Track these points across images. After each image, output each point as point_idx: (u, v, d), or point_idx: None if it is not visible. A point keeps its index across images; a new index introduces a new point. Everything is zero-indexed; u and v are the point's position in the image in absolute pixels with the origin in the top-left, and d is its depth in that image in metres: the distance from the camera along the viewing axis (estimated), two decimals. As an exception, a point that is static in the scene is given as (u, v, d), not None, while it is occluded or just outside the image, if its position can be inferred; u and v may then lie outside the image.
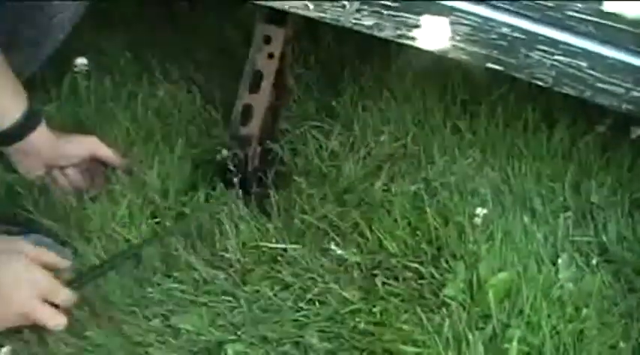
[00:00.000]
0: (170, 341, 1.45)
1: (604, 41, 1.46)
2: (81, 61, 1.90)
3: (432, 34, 1.52)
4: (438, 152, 1.81)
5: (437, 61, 1.91)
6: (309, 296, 1.53)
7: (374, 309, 1.52)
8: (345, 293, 1.54)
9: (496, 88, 1.94)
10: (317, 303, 1.53)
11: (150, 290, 1.52)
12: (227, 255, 1.59)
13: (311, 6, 1.52)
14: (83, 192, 1.67)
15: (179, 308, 1.51)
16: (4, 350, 1.43)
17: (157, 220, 1.63)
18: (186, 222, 1.61)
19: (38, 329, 1.44)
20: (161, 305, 1.51)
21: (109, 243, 1.58)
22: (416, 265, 1.58)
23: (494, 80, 1.94)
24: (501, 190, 1.75)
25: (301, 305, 1.53)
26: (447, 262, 1.58)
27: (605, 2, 1.43)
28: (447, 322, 1.48)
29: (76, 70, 1.89)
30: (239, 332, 1.48)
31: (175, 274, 1.55)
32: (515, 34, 1.48)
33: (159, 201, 1.65)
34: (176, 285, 1.53)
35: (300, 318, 1.51)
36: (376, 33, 1.53)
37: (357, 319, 1.51)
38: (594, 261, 1.63)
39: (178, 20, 2.12)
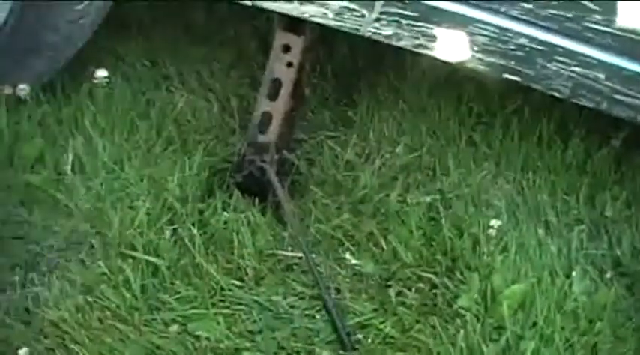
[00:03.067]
0: (189, 348, 1.46)
1: (622, 53, 1.46)
2: (101, 72, 1.91)
3: (450, 45, 1.53)
4: (452, 163, 1.82)
5: (452, 72, 1.94)
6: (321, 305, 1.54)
7: (388, 320, 1.53)
8: (358, 304, 1.55)
9: (511, 100, 1.95)
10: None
11: (168, 296, 1.53)
12: (242, 263, 1.60)
13: (330, 15, 1.53)
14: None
15: (196, 314, 1.51)
16: (22, 352, 1.44)
17: (175, 227, 1.64)
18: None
19: (60, 334, 1.45)
20: (179, 312, 1.51)
21: (127, 249, 1.59)
22: (430, 276, 1.59)
23: (508, 92, 1.95)
24: (516, 202, 1.76)
25: (314, 314, 1.54)
26: (461, 273, 1.59)
27: (618, 16, 1.44)
28: (461, 333, 1.48)
29: (95, 81, 1.90)
30: (255, 340, 1.48)
31: (193, 281, 1.56)
32: (533, 45, 1.49)
33: (177, 207, 1.66)
34: (193, 292, 1.54)
35: (312, 327, 1.52)
36: (395, 42, 1.54)
37: (371, 329, 1.52)
38: (608, 275, 1.63)
39: (196, 28, 2.14)
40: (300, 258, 1.61)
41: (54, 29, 1.76)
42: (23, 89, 1.84)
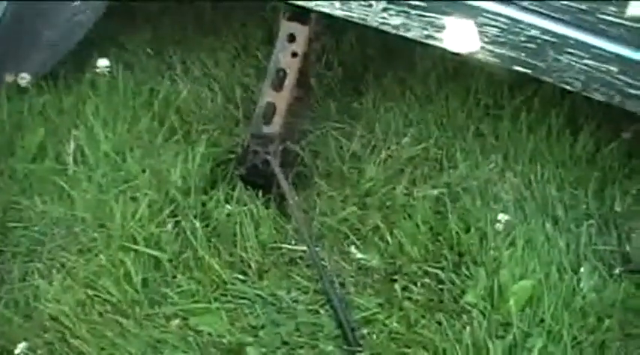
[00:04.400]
0: (190, 343, 1.44)
1: (635, 46, 1.43)
2: (102, 62, 1.89)
3: (460, 36, 1.50)
4: (460, 156, 1.79)
5: (460, 63, 1.91)
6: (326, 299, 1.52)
7: (393, 315, 1.50)
8: (363, 298, 1.53)
9: (520, 92, 1.92)
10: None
11: (169, 290, 1.51)
12: (246, 256, 1.58)
13: (337, 4, 1.50)
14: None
15: (198, 308, 1.49)
16: (21, 346, 1.43)
17: (177, 219, 1.62)
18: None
19: (61, 329, 1.44)
20: (181, 306, 1.50)
21: (129, 241, 1.57)
22: (436, 271, 1.57)
23: (518, 84, 1.92)
24: (524, 196, 1.73)
25: (318, 308, 1.52)
26: (467, 268, 1.57)
27: (632, 7, 1.41)
28: (468, 329, 1.46)
29: (97, 71, 1.89)
30: (259, 335, 1.47)
31: (195, 275, 1.54)
32: (545, 37, 1.46)
33: (180, 199, 1.64)
34: (195, 286, 1.52)
35: (316, 322, 1.50)
36: (403, 33, 1.52)
37: (376, 324, 1.50)
38: (617, 271, 1.61)
39: (202, 17, 2.11)
40: (304, 251, 1.59)
41: (51, 26, 1.75)
42: (24, 78, 1.82)
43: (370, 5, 1.48)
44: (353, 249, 1.61)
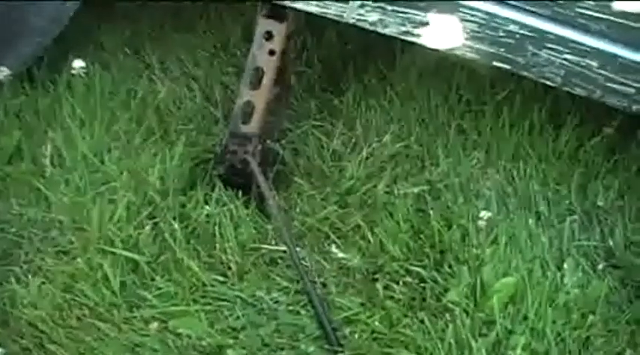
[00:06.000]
0: (170, 346, 1.42)
1: (616, 40, 1.42)
2: (78, 63, 1.86)
3: (438, 32, 1.49)
4: (442, 153, 1.78)
5: (442, 59, 1.89)
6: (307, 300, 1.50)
7: (375, 314, 1.49)
8: (344, 298, 1.51)
9: (502, 87, 1.91)
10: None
11: (148, 293, 1.49)
12: (225, 257, 1.56)
13: (313, 1, 1.49)
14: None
15: (177, 311, 1.48)
16: (-1, 352, 1.41)
17: (155, 221, 1.60)
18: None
19: (38, 334, 1.42)
20: (159, 309, 1.48)
21: (106, 244, 1.55)
22: (418, 269, 1.56)
23: (499, 80, 1.91)
24: (506, 192, 1.72)
25: (299, 309, 1.50)
26: (450, 266, 1.55)
27: (614, 1, 1.40)
28: (450, 328, 1.45)
29: (73, 72, 1.85)
30: (239, 337, 1.45)
31: (174, 277, 1.52)
32: (524, 32, 1.44)
33: (158, 200, 1.62)
34: (174, 289, 1.50)
35: (297, 323, 1.48)
36: (380, 29, 1.50)
37: (358, 324, 1.48)
38: (600, 266, 1.60)
39: (180, 16, 2.09)
40: (284, 251, 1.57)
41: (41, 13, 1.72)
42: (3, 71, 1.79)
43: (346, 1, 1.46)
44: (334, 248, 1.60)
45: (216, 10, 2.10)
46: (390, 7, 1.46)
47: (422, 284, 1.54)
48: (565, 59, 1.45)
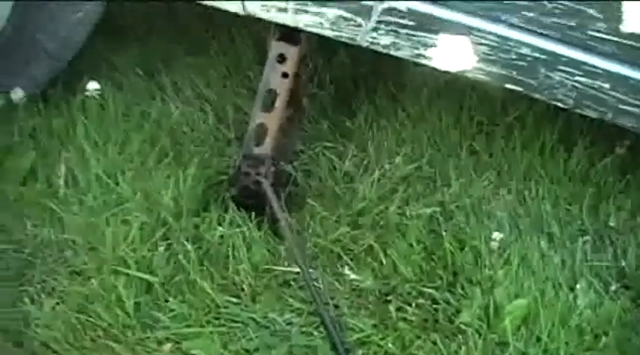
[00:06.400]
0: (182, 367, 1.43)
1: (626, 62, 1.43)
2: (92, 85, 1.88)
3: (450, 54, 1.49)
4: (453, 174, 1.78)
5: (453, 80, 1.90)
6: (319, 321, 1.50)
7: (388, 336, 1.49)
8: (357, 320, 1.51)
9: (513, 108, 1.92)
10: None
11: (162, 314, 1.50)
12: (238, 279, 1.56)
13: (326, 24, 1.50)
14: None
15: (190, 332, 1.48)
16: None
17: (169, 242, 1.60)
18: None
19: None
20: (173, 330, 1.48)
21: (120, 265, 1.55)
22: (431, 290, 1.56)
23: (511, 101, 1.92)
24: (518, 213, 1.73)
25: (311, 331, 1.50)
26: (462, 288, 1.55)
27: (624, 23, 1.40)
28: (463, 349, 1.45)
29: (87, 94, 1.87)
30: (252, 359, 1.45)
31: (187, 298, 1.52)
32: (536, 55, 1.45)
33: (172, 222, 1.62)
34: (188, 310, 1.50)
35: (310, 344, 1.48)
36: (393, 52, 1.51)
37: (371, 346, 1.48)
38: (613, 287, 1.60)
39: (193, 37, 2.11)
40: (297, 273, 1.57)
41: (52, 36, 1.74)
42: (17, 93, 1.81)
43: (359, 25, 1.47)
44: (346, 269, 1.60)
45: (229, 32, 2.12)
46: (402, 31, 1.47)
47: (434, 306, 1.54)
48: (577, 81, 1.46)
